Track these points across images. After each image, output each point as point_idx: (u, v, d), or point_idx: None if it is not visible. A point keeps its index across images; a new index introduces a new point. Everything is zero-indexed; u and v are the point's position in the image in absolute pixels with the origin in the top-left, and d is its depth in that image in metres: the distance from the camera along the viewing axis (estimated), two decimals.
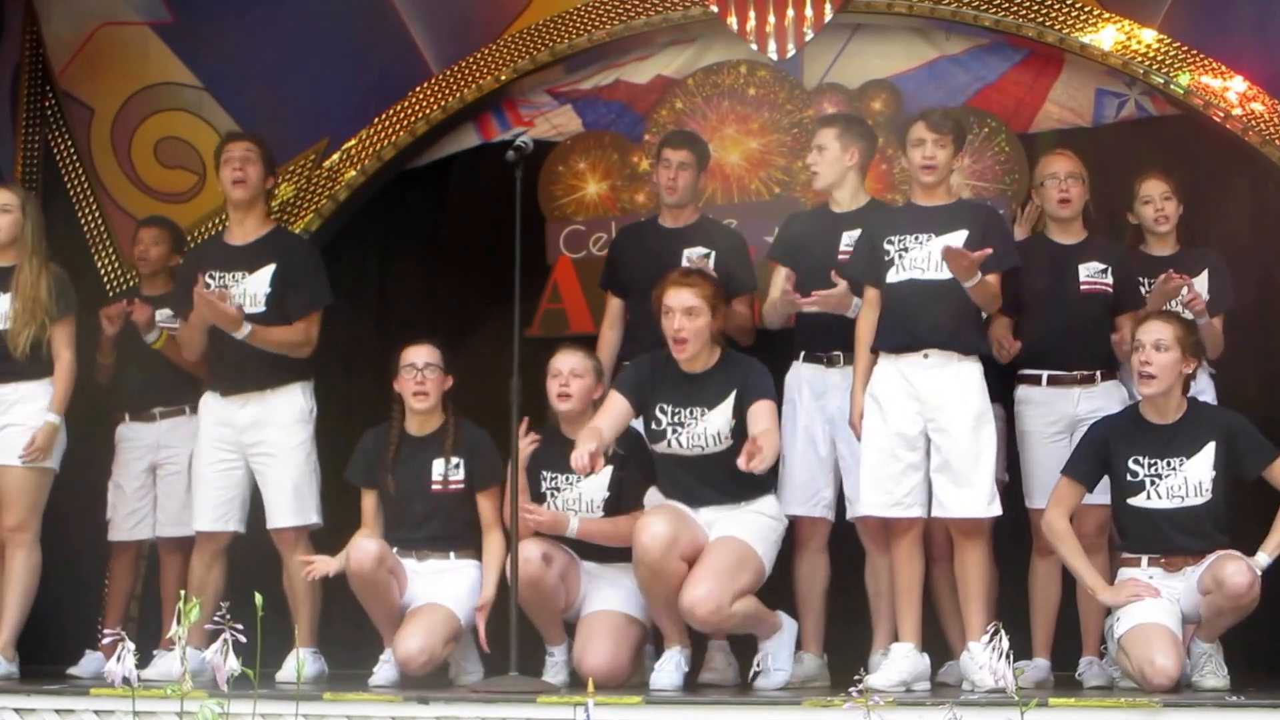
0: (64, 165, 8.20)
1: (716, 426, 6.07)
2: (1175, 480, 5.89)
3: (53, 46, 8.24)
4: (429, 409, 6.49)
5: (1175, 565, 5.89)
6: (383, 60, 7.96)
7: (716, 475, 6.08)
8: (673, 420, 6.10)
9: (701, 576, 5.88)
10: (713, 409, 6.07)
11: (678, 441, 6.10)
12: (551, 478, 6.35)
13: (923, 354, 5.96)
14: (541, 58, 7.81)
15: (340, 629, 6.90)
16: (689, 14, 7.70)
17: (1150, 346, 5.89)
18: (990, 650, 3.78)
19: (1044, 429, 6.38)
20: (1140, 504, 5.92)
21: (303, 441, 6.70)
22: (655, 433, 6.15)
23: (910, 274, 6.00)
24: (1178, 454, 5.90)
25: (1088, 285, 6.46)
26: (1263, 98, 7.26)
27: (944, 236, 5.99)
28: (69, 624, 7.13)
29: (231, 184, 6.80)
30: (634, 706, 5.41)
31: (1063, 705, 5.28)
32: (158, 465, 7.21)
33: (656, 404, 6.13)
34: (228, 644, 3.71)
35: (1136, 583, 5.86)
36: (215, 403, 6.76)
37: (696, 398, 6.09)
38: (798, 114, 7.80)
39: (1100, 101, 7.61)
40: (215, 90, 8.10)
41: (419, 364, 6.46)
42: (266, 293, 6.71)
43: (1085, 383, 6.42)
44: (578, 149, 7.97)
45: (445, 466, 6.44)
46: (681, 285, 6.11)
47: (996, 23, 7.52)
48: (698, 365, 6.13)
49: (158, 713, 5.15)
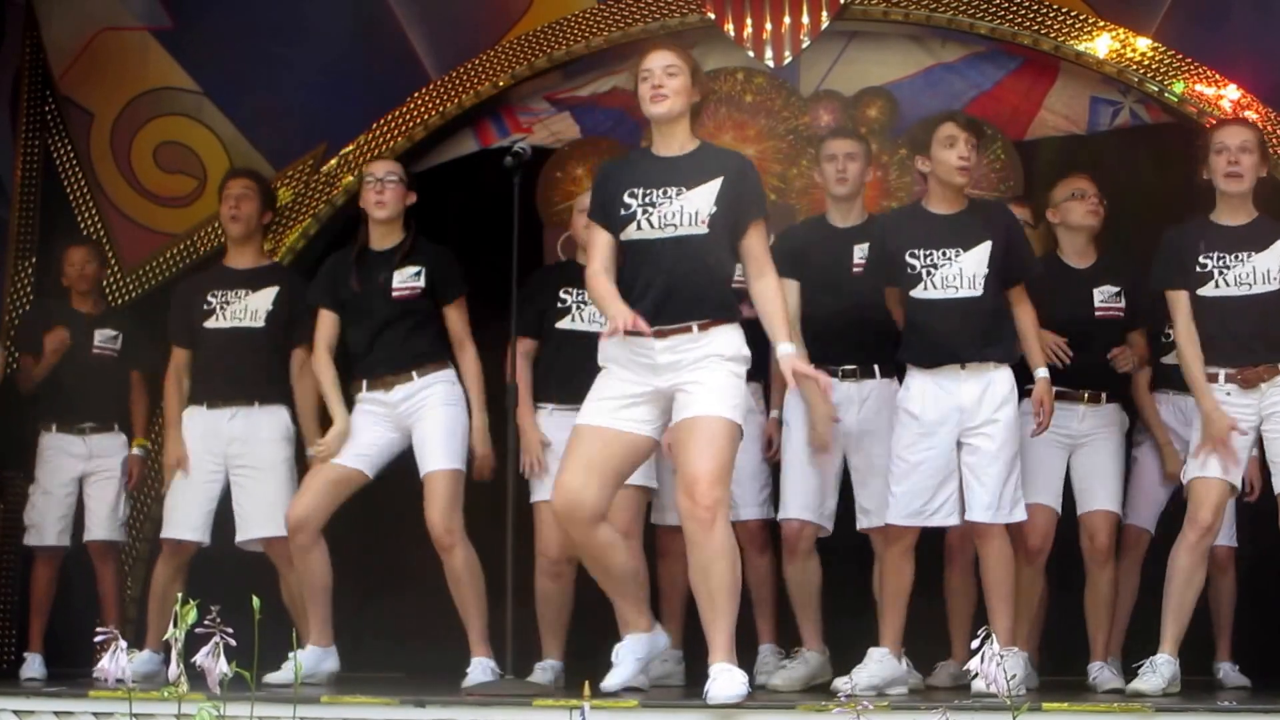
0: (64, 170, 8.22)
1: (695, 206, 5.46)
2: (1243, 270, 5.93)
3: (53, 51, 8.26)
4: (388, 218, 6.57)
5: (1250, 380, 5.90)
6: (381, 66, 7.97)
7: (686, 270, 5.44)
8: (643, 201, 5.50)
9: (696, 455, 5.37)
10: (691, 189, 5.49)
11: (648, 222, 5.47)
12: (578, 293, 6.41)
13: (959, 366, 5.95)
14: (540, 64, 7.84)
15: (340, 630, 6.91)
16: (686, 21, 7.73)
17: (1236, 149, 5.97)
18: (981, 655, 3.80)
19: (1048, 438, 6.36)
20: (1209, 293, 5.94)
21: (287, 458, 6.79)
22: (622, 218, 5.51)
23: (944, 292, 5.96)
24: (1247, 249, 5.95)
25: (1102, 311, 6.51)
26: (1256, 106, 7.29)
27: (971, 252, 5.95)
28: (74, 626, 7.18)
29: (228, 219, 7.01)
30: (630, 710, 5.42)
31: (1056, 710, 5.29)
32: (88, 474, 7.36)
33: (625, 191, 5.53)
34: (219, 646, 3.73)
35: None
36: (201, 414, 6.86)
37: (671, 178, 5.51)
38: (794, 121, 7.83)
39: (1095, 109, 7.64)
40: (215, 95, 8.13)
41: (379, 174, 6.59)
42: (269, 310, 6.85)
43: (1091, 402, 6.48)
44: (575, 155, 7.99)
45: (405, 276, 6.51)
46: (661, 47, 5.72)
47: (992, 30, 7.55)
48: (674, 146, 5.60)
49: (156, 715, 5.17)
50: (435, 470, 6.41)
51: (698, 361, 5.41)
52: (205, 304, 6.93)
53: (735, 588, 5.39)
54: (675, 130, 5.62)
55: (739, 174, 5.58)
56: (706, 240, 5.47)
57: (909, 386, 6.01)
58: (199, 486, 6.83)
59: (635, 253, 5.53)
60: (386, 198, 6.56)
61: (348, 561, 6.95)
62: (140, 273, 8.11)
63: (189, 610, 3.74)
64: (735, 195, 5.51)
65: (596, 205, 5.66)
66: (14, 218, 8.26)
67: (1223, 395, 5.90)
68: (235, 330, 6.86)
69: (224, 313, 6.90)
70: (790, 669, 6.39)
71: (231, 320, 6.88)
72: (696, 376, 5.39)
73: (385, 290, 6.52)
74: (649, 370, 5.44)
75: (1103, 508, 6.44)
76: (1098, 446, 6.48)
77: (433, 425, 6.44)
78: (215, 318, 6.91)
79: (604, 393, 5.50)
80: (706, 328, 5.43)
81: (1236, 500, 6.14)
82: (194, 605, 3.76)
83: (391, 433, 6.50)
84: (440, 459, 6.42)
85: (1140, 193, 7.17)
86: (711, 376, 5.39)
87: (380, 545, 7.40)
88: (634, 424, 5.46)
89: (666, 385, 5.43)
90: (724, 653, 5.30)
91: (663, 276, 5.44)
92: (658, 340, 5.40)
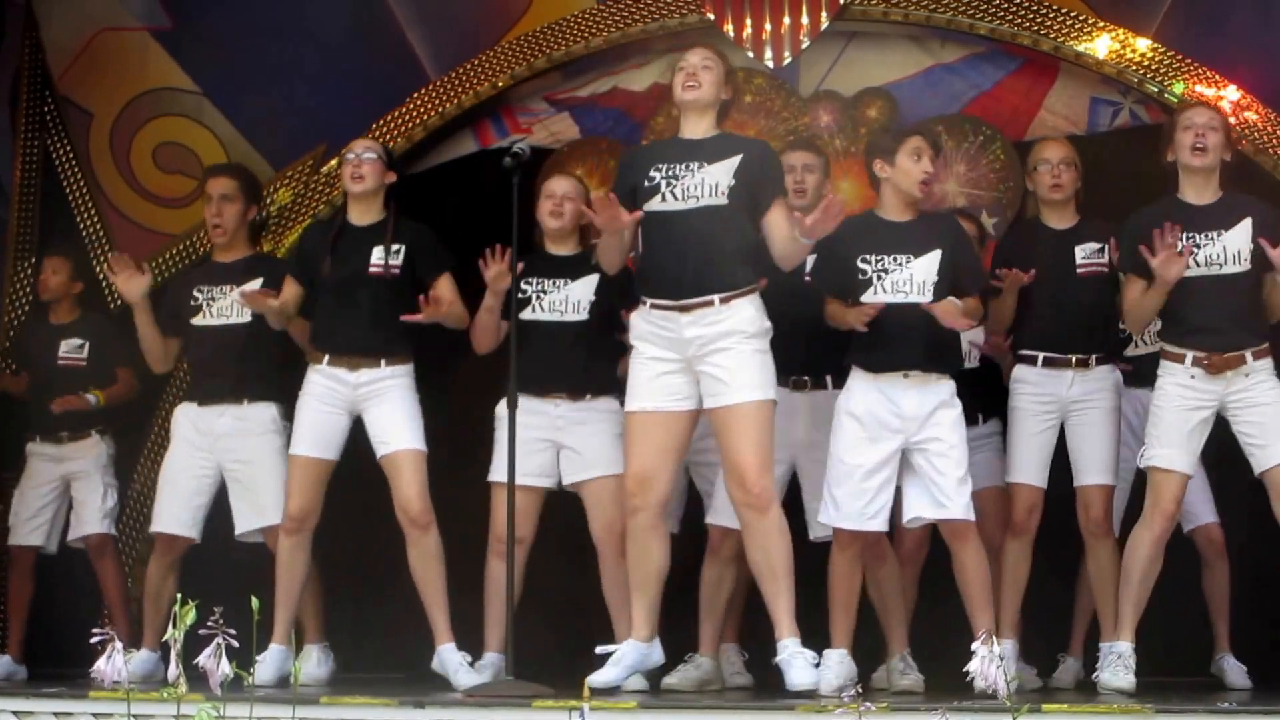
0: (63, 170, 8.23)
1: (715, 178, 5.84)
2: (1213, 250, 5.99)
3: (52, 51, 8.27)
4: (366, 191, 6.56)
5: (1217, 367, 5.93)
6: (381, 67, 7.98)
7: (707, 243, 5.80)
8: (667, 175, 5.88)
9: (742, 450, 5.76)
10: (712, 164, 5.86)
11: (671, 194, 5.86)
12: (538, 282, 6.47)
13: (903, 374, 5.97)
14: (539, 65, 7.84)
15: (339, 630, 6.92)
16: (686, 21, 7.73)
17: (1203, 125, 6.04)
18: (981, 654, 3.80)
19: (1034, 408, 6.41)
20: (1192, 273, 5.98)
21: (279, 448, 6.75)
22: (647, 190, 5.90)
23: (893, 297, 5.98)
24: (1215, 228, 6.01)
25: (1084, 267, 6.48)
26: (1256, 107, 7.30)
27: (921, 259, 5.99)
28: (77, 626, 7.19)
29: (211, 227, 6.99)
30: (629, 711, 5.42)
31: (1055, 711, 5.30)
32: (70, 475, 7.41)
33: (650, 167, 5.93)
34: (220, 647, 3.72)
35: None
36: (193, 411, 6.87)
37: (694, 156, 5.89)
38: (793, 121, 7.83)
39: (1095, 110, 7.64)
40: (214, 95, 8.14)
41: (358, 151, 6.59)
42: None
43: (1080, 366, 6.44)
44: (575, 155, 7.99)
45: (385, 254, 6.49)
46: (701, 44, 6.21)
47: (992, 31, 7.55)
48: (699, 131, 5.97)
49: (156, 715, 5.17)
50: (405, 449, 6.40)
51: (721, 338, 5.76)
52: (192, 300, 6.91)
53: (791, 564, 5.80)
54: (702, 118, 5.98)
55: (759, 154, 5.95)
56: (726, 210, 5.82)
57: (851, 389, 6.03)
58: (189, 482, 6.83)
59: (658, 224, 5.87)
60: (364, 171, 6.54)
61: (346, 562, 6.97)
62: None
63: (188, 611, 3.74)
64: (755, 173, 5.87)
65: (620, 185, 6.00)
66: (13, 218, 8.27)
67: (1186, 378, 5.94)
68: (223, 328, 6.85)
69: (210, 309, 6.89)
70: (683, 671, 6.34)
71: (218, 317, 6.87)
72: (722, 360, 5.76)
73: (362, 265, 6.50)
74: (675, 344, 5.81)
75: (1096, 481, 6.39)
76: (1089, 414, 6.42)
77: (394, 406, 6.44)
78: (203, 314, 6.90)
79: (642, 376, 5.87)
80: (728, 300, 5.78)
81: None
82: (193, 606, 3.76)
83: (342, 415, 6.49)
84: (408, 438, 6.42)
85: (1140, 194, 7.15)
86: (736, 359, 5.76)
87: (379, 546, 7.38)
88: (678, 401, 5.84)
89: (693, 357, 5.79)
90: (788, 629, 5.74)
91: (685, 247, 5.80)
92: (682, 315, 5.77)
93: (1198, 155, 6.05)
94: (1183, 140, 6.07)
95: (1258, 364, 5.94)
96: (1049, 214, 6.60)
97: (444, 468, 6.68)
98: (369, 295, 6.48)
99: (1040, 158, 6.61)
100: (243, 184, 7.03)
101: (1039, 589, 6.53)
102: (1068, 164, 6.56)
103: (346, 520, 6.74)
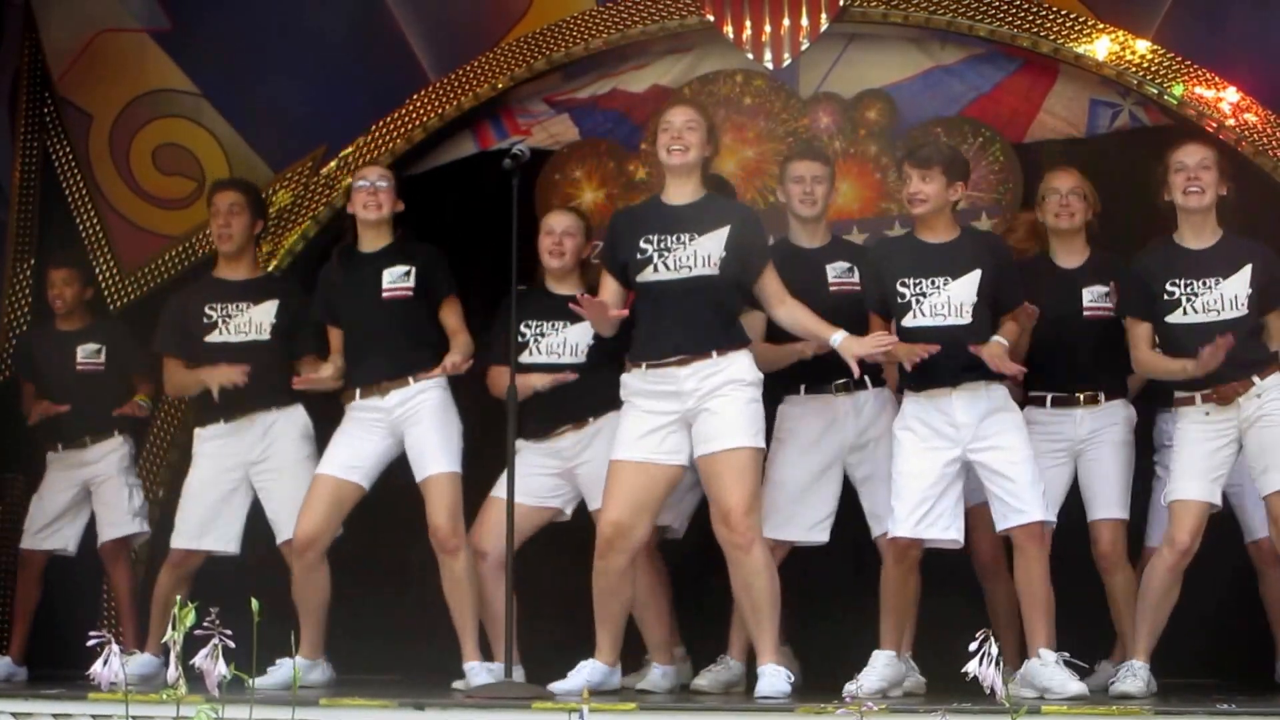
0: (63, 172, 8.23)
1: (708, 250, 5.95)
2: (1211, 297, 5.97)
3: (51, 53, 8.27)
4: (379, 220, 6.59)
5: (1226, 396, 5.93)
6: (380, 68, 7.98)
7: (699, 310, 5.94)
8: (659, 246, 5.98)
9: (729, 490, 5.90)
10: (703, 235, 5.97)
11: (664, 265, 5.97)
12: (537, 325, 6.50)
13: (949, 388, 5.98)
14: (538, 66, 7.83)
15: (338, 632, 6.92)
16: (685, 23, 7.72)
17: (1195, 166, 6.03)
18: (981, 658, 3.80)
19: (1046, 448, 6.36)
20: (1177, 320, 5.99)
21: (309, 455, 6.76)
22: (639, 262, 6.00)
23: (932, 320, 6.00)
24: (1214, 274, 6.00)
25: (1091, 311, 6.46)
26: (1256, 109, 7.29)
27: (960, 280, 6.00)
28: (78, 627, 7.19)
29: (220, 238, 6.98)
30: (629, 713, 5.42)
31: (1055, 713, 5.31)
32: (93, 479, 7.41)
33: (640, 239, 6.02)
34: (217, 649, 3.72)
35: None
36: (219, 428, 6.87)
37: (684, 226, 5.99)
38: (793, 123, 7.83)
39: (1094, 112, 7.64)
40: (213, 97, 8.14)
41: (372, 179, 6.62)
42: (272, 323, 6.84)
43: (1089, 404, 6.45)
44: (574, 157, 7.99)
45: (395, 275, 6.53)
46: (683, 103, 6.35)
47: (991, 33, 7.54)
48: (685, 194, 6.07)
49: (155, 717, 5.17)
50: (437, 473, 6.41)
51: (719, 389, 5.89)
52: (205, 317, 6.90)
53: (775, 599, 5.97)
54: (688, 180, 6.08)
55: (745, 223, 6.08)
56: (719, 280, 5.95)
57: (904, 410, 6.08)
58: (209, 495, 6.84)
59: (652, 294, 6.00)
60: (381, 200, 6.57)
61: (346, 563, 6.95)
62: (139, 275, 8.11)
63: (187, 613, 3.74)
64: (744, 243, 5.99)
65: (610, 255, 6.14)
66: (13, 219, 8.27)
67: (1201, 415, 5.96)
68: (244, 344, 6.84)
69: (227, 326, 6.89)
70: (713, 673, 6.43)
71: (237, 334, 6.87)
72: (716, 406, 5.88)
73: (375, 292, 6.52)
74: (673, 398, 5.92)
75: (1107, 516, 6.38)
76: (1100, 451, 6.43)
77: (429, 429, 6.44)
78: (218, 331, 6.89)
79: (634, 429, 5.97)
80: (725, 352, 5.92)
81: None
82: (193, 608, 3.76)
83: (385, 440, 6.51)
84: (440, 462, 6.42)
85: (1140, 195, 7.15)
86: (731, 405, 5.88)
87: (379, 547, 7.39)
88: (668, 455, 5.96)
89: (690, 409, 5.92)
90: (770, 655, 5.91)
91: (680, 315, 5.94)
92: (681, 369, 5.90)
93: (1193, 197, 6.04)
94: (1175, 183, 6.06)
95: (1266, 382, 5.94)
96: (1058, 247, 6.56)
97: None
98: (386, 319, 6.52)
99: (1049, 187, 6.57)
100: (249, 198, 7.05)
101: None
102: (1077, 194, 6.51)
103: (346, 524, 6.73)
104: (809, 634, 6.82)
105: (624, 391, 6.04)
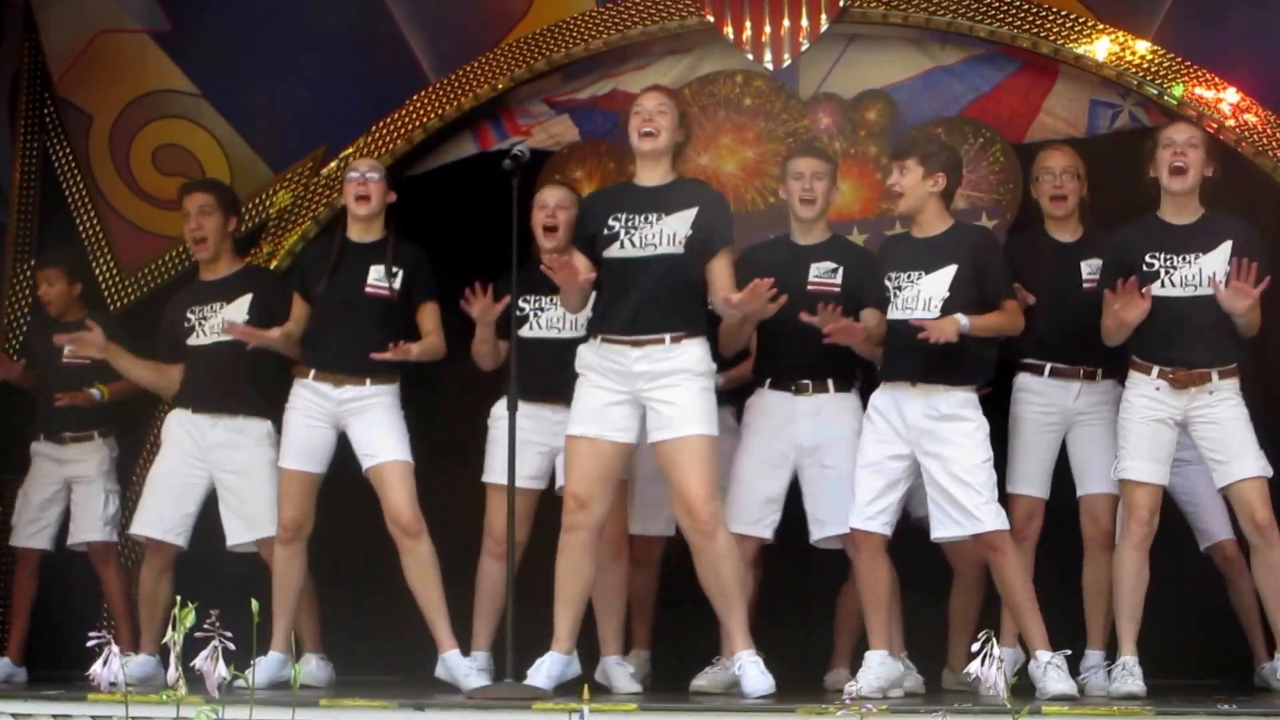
0: (63, 173, 8.23)
1: (674, 228, 6.03)
2: (1189, 271, 6.04)
3: (51, 54, 8.27)
4: (370, 214, 6.62)
5: (1181, 382, 5.98)
6: (380, 68, 7.98)
7: (663, 289, 6.00)
8: (626, 224, 6.07)
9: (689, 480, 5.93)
10: (671, 214, 6.05)
11: (630, 241, 6.04)
12: (535, 299, 6.57)
13: (911, 384, 6.02)
14: (539, 67, 7.83)
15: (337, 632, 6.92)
16: (685, 24, 7.73)
17: (1182, 143, 6.10)
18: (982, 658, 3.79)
19: (1039, 417, 6.43)
20: (1155, 293, 6.03)
21: (270, 460, 6.76)
22: (606, 238, 6.08)
23: (903, 314, 6.06)
24: (1193, 250, 6.05)
25: (1090, 284, 6.46)
26: (1256, 109, 7.29)
27: (933, 275, 6.04)
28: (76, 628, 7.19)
29: (191, 243, 7.01)
30: (629, 714, 5.42)
31: (1056, 713, 5.31)
32: (72, 479, 7.43)
33: (609, 215, 6.11)
34: (217, 650, 3.72)
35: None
36: (186, 417, 6.87)
37: (652, 205, 6.07)
38: (793, 124, 7.83)
39: (1094, 112, 7.64)
40: (213, 97, 8.14)
41: (362, 170, 6.65)
42: (244, 320, 6.79)
43: (1087, 378, 6.46)
44: (574, 158, 7.98)
45: (386, 275, 6.55)
46: (655, 89, 6.44)
47: (991, 33, 7.55)
48: (656, 177, 6.14)
49: (155, 718, 5.17)
50: (392, 460, 6.47)
51: (668, 375, 5.94)
52: (186, 321, 6.93)
53: (743, 582, 6.08)
54: (658, 164, 6.15)
55: (713, 204, 6.16)
56: (682, 259, 6.01)
57: (871, 402, 6.15)
58: (177, 488, 6.85)
59: (617, 270, 6.05)
60: (370, 191, 6.60)
61: (343, 564, 6.97)
62: (139, 275, 8.11)
63: (187, 613, 3.74)
64: (709, 222, 6.05)
65: (579, 231, 6.23)
66: (13, 220, 8.28)
67: (1151, 389, 6.03)
68: (217, 346, 6.84)
69: (203, 328, 6.90)
70: (711, 674, 6.39)
71: (211, 336, 6.87)
72: (669, 396, 5.94)
73: (359, 283, 6.55)
74: (623, 377, 5.97)
75: (1103, 490, 6.39)
76: (1095, 425, 6.43)
77: (379, 420, 6.50)
78: (196, 334, 6.92)
79: (587, 403, 6.02)
80: (678, 340, 5.97)
81: None
82: (192, 608, 3.76)
83: (328, 430, 6.56)
84: (395, 450, 6.49)
85: (1139, 196, 7.16)
86: (684, 395, 5.93)
87: (379, 547, 7.38)
88: (618, 431, 5.99)
89: (639, 392, 5.97)
90: (742, 640, 5.99)
91: (641, 291, 5.97)
92: (633, 349, 5.94)
93: (1176, 176, 6.11)
94: (1162, 158, 6.13)
95: (1223, 383, 6.02)
96: (1053, 225, 6.60)
97: (433, 469, 6.70)
98: (363, 314, 6.55)
99: (1043, 166, 6.61)
100: (219, 197, 7.03)
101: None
102: (1071, 173, 6.55)
103: (343, 526, 6.74)
104: (790, 635, 6.81)
105: (579, 363, 6.09)
